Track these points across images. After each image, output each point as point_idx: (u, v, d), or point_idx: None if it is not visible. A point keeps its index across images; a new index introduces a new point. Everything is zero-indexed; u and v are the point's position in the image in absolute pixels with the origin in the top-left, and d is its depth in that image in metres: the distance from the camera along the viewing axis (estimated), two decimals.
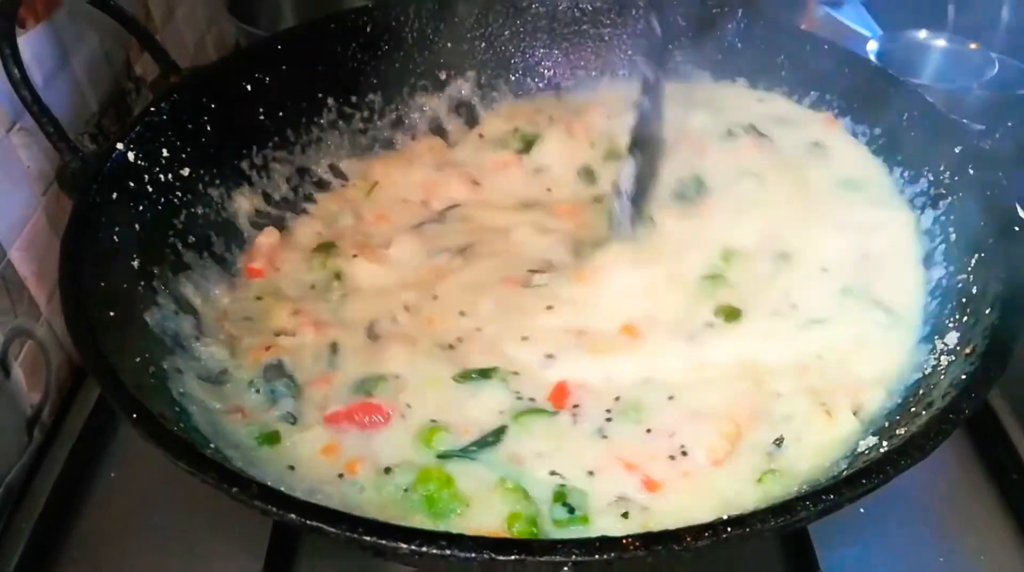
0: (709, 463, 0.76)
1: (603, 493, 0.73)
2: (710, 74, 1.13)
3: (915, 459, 0.57)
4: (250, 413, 0.81)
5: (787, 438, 0.78)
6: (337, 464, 0.76)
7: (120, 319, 0.76)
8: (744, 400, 0.81)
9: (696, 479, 0.75)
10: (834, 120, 1.04)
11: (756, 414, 0.80)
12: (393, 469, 0.75)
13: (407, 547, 0.51)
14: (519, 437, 0.79)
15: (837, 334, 0.86)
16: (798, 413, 0.79)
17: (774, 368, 0.84)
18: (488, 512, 0.72)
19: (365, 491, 0.74)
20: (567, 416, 0.81)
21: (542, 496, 0.73)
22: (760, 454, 0.78)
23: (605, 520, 0.71)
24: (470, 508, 0.72)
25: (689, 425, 0.79)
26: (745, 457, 0.78)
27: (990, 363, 0.65)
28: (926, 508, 0.91)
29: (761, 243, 0.95)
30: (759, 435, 0.79)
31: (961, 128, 0.90)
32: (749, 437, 0.79)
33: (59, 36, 1.02)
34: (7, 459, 0.90)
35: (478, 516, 0.72)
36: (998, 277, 0.74)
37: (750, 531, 0.51)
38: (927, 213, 0.91)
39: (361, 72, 1.13)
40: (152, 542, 0.87)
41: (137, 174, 0.89)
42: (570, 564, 0.50)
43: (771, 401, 0.81)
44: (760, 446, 0.78)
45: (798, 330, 0.87)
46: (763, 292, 0.91)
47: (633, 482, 0.74)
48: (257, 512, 0.55)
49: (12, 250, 0.91)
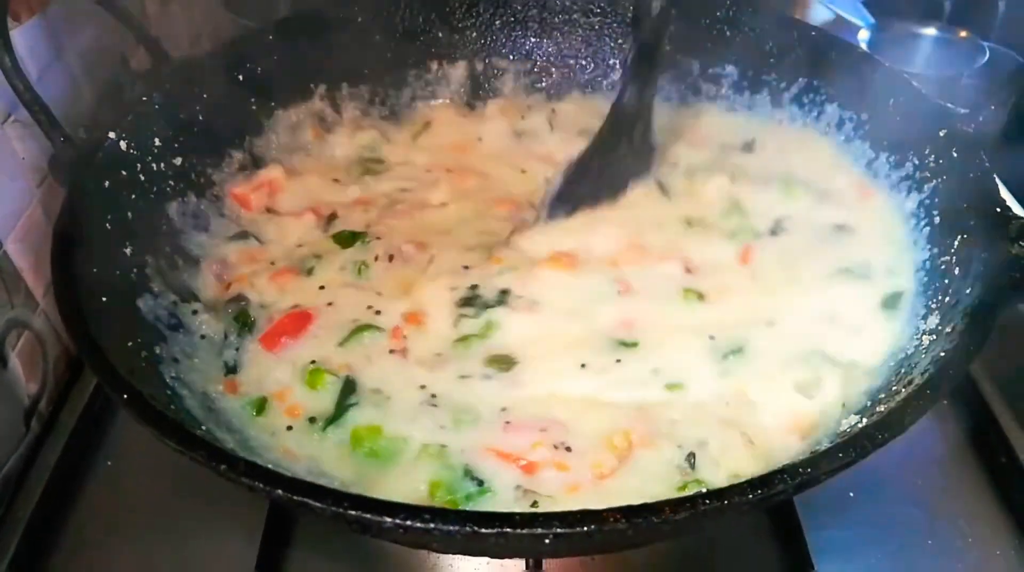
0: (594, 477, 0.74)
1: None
2: (698, 64, 1.14)
3: (893, 434, 0.58)
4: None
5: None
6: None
7: (112, 305, 0.77)
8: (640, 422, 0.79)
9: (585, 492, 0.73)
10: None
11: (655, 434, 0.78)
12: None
13: (391, 521, 0.52)
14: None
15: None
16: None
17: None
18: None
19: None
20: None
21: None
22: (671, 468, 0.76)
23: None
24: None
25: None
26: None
27: (968, 340, 0.66)
28: (915, 492, 0.92)
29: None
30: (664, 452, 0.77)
31: (945, 111, 0.91)
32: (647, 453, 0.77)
33: (53, 29, 1.03)
34: (4, 449, 0.91)
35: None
36: (979, 257, 0.74)
37: (728, 504, 0.52)
38: (911, 196, 0.91)
39: (352, 63, 1.14)
40: (148, 530, 0.88)
41: (129, 163, 0.90)
42: (551, 536, 0.51)
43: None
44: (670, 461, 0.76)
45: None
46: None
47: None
48: (245, 489, 0.56)
49: (8, 241, 0.92)
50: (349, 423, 0.79)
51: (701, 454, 0.74)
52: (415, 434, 0.77)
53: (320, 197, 1.05)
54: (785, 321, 0.87)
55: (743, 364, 0.83)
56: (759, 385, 0.81)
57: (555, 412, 0.79)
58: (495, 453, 0.75)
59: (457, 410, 0.79)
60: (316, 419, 0.79)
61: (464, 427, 0.77)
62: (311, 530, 0.88)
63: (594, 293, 0.91)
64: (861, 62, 0.99)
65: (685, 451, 0.74)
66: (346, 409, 0.79)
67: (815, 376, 0.81)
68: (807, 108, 1.06)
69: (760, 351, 0.84)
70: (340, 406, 0.80)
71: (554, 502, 0.70)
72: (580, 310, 0.89)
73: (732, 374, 0.82)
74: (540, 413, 0.79)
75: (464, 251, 0.96)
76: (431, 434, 0.77)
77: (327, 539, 0.87)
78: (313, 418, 0.80)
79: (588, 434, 0.77)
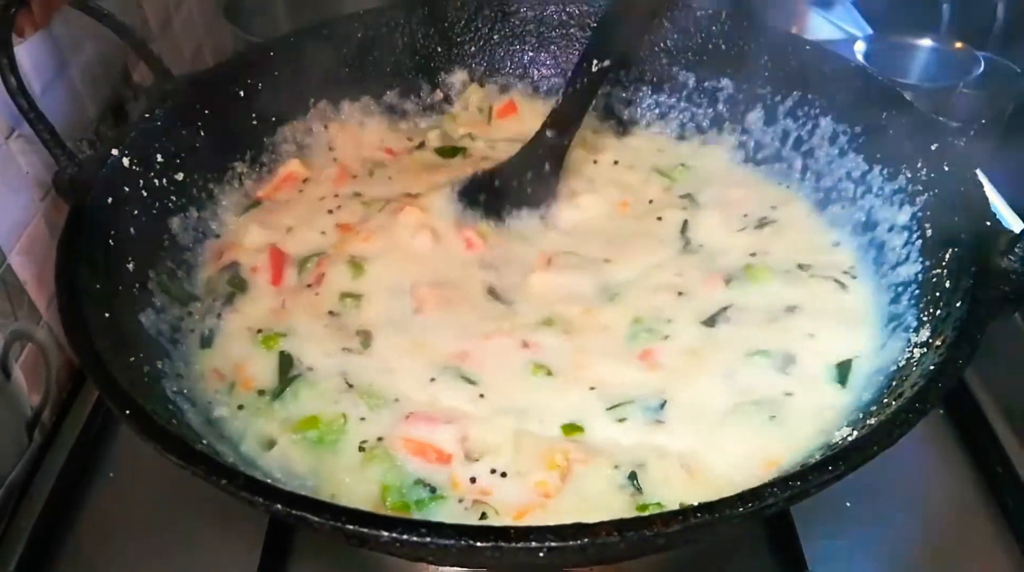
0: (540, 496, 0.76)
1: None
2: (694, 77, 1.15)
3: (882, 446, 0.59)
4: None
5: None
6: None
7: (115, 320, 0.78)
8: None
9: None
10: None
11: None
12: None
13: (388, 535, 0.53)
14: None
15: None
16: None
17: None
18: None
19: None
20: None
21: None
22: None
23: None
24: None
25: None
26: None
27: (957, 353, 0.66)
28: (912, 501, 0.93)
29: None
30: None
31: (937, 125, 0.91)
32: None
33: (57, 44, 1.04)
34: (8, 460, 0.92)
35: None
36: (969, 271, 0.75)
37: (719, 517, 0.53)
38: (905, 209, 0.92)
39: (353, 77, 1.16)
40: (150, 541, 0.90)
41: (132, 179, 0.92)
42: (545, 550, 0.52)
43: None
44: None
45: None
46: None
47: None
48: (245, 503, 0.57)
49: (12, 254, 0.94)
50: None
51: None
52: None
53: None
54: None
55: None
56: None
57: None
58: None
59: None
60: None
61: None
62: (311, 542, 0.89)
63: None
64: (854, 75, 1.00)
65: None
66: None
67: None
68: (802, 121, 1.07)
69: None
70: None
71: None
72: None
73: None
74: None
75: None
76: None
77: (327, 552, 0.89)
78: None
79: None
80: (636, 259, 1.00)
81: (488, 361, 0.87)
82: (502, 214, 1.03)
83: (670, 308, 0.93)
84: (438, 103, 1.22)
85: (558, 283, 0.96)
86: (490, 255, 1.00)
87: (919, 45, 1.48)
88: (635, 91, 1.20)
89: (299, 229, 1.03)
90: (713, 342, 0.89)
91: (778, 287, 0.95)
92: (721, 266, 0.98)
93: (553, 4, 1.18)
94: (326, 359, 0.88)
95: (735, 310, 0.92)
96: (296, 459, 0.78)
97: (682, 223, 1.04)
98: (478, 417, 0.81)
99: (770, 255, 0.99)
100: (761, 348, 0.88)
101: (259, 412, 0.83)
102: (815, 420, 0.80)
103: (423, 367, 0.86)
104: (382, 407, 0.82)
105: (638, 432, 0.81)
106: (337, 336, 0.89)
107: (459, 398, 0.83)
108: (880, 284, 0.92)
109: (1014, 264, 0.73)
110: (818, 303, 0.93)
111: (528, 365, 0.87)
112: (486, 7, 1.18)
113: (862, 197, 0.99)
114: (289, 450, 0.78)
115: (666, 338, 0.90)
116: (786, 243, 1.01)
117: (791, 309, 0.92)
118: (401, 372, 0.86)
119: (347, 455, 0.78)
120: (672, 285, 0.96)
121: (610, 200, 1.08)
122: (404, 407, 0.82)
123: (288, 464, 0.77)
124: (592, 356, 0.88)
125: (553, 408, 0.83)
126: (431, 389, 0.84)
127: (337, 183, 1.09)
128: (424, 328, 0.90)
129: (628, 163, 1.15)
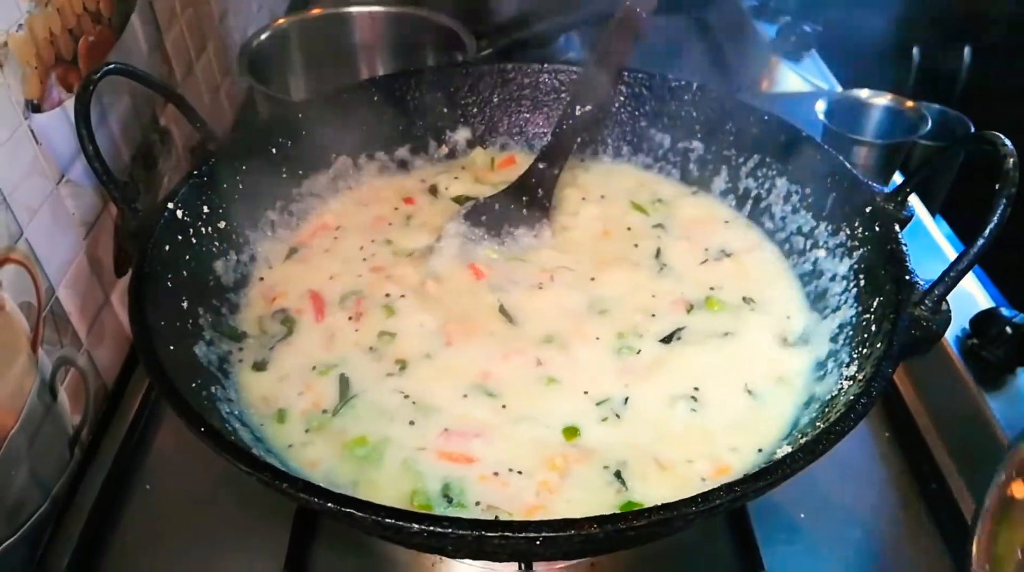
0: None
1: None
2: (669, 138, 1.28)
3: (808, 461, 0.72)
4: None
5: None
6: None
7: (177, 352, 0.89)
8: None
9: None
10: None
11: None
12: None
13: (418, 527, 0.66)
14: None
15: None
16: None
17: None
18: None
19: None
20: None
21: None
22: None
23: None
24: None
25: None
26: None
27: (872, 386, 0.77)
28: (859, 513, 1.03)
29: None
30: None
31: (870, 188, 1.00)
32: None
33: (100, 98, 1.14)
34: (54, 473, 1.01)
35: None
36: (889, 317, 0.86)
37: (676, 514, 0.66)
38: (844, 261, 1.02)
39: (369, 134, 1.28)
40: (183, 545, 1.00)
41: (183, 228, 1.01)
42: (541, 539, 0.66)
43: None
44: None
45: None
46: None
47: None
48: (301, 503, 0.71)
49: (60, 288, 1.02)
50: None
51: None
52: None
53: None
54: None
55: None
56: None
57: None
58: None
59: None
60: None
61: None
62: (330, 549, 0.99)
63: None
64: (804, 143, 1.11)
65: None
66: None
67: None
68: (761, 181, 1.19)
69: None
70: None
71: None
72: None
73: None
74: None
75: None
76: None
77: (345, 558, 0.99)
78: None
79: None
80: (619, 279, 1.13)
81: (506, 376, 0.98)
82: (502, 233, 1.17)
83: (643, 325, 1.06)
84: (443, 158, 1.35)
85: (556, 301, 1.09)
86: (496, 278, 1.12)
87: (875, 103, 1.59)
88: (616, 151, 1.34)
89: (337, 274, 1.15)
90: (669, 357, 1.02)
91: (727, 318, 1.06)
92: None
93: (546, 73, 1.31)
94: (375, 382, 0.99)
95: (688, 331, 1.05)
96: (341, 473, 0.89)
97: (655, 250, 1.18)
98: (500, 426, 0.92)
99: (724, 290, 1.11)
100: (711, 367, 1.00)
101: (322, 428, 0.93)
102: (757, 439, 0.93)
103: (454, 387, 0.97)
104: (423, 421, 0.93)
105: (617, 432, 0.92)
106: (380, 365, 1.01)
107: (485, 411, 0.94)
108: (823, 325, 1.02)
109: (925, 313, 0.83)
110: (761, 336, 1.05)
111: (541, 378, 0.99)
112: (487, 74, 1.31)
113: (810, 249, 1.10)
114: (336, 466, 0.89)
115: (638, 353, 1.02)
116: (741, 284, 1.13)
117: (728, 334, 1.05)
118: (438, 391, 0.97)
119: (388, 467, 0.89)
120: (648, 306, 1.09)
121: (593, 229, 1.22)
122: (442, 421, 0.93)
123: (332, 477, 0.88)
124: (587, 365, 1.01)
125: (557, 413, 0.94)
126: (464, 405, 0.95)
127: (367, 230, 1.21)
128: (452, 356, 1.02)
129: (612, 198, 1.28)
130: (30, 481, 0.95)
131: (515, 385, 0.98)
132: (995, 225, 0.79)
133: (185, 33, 1.52)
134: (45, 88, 1.01)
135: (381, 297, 1.11)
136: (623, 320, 1.07)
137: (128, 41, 1.25)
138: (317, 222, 1.23)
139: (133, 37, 1.28)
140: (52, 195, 1.02)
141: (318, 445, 0.92)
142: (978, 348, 1.18)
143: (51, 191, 1.02)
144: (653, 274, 1.15)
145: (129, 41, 1.25)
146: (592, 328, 1.06)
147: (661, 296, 1.11)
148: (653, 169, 1.32)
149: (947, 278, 0.83)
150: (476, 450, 0.90)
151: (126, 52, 1.24)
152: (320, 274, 1.15)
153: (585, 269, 1.14)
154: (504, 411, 0.95)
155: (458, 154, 1.37)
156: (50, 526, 0.99)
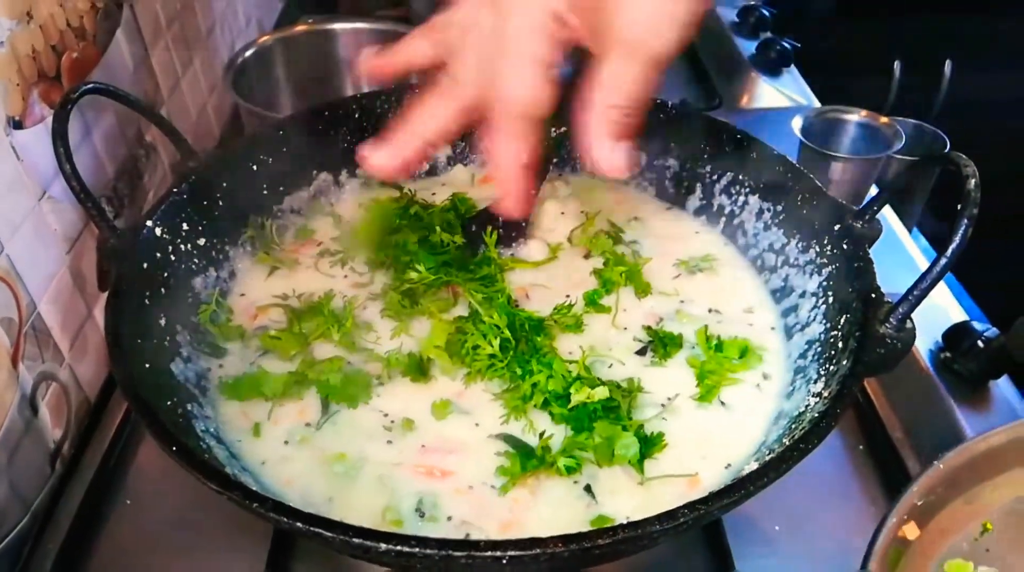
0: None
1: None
2: (645, 156, 1.29)
3: (772, 478, 0.74)
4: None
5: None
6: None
7: (153, 370, 0.90)
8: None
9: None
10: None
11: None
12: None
13: (385, 547, 0.67)
14: None
15: None
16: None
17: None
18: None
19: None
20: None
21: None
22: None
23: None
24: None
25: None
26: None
27: (837, 404, 0.78)
28: (834, 526, 1.04)
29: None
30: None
31: (840, 207, 1.01)
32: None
33: (83, 113, 1.16)
34: (34, 488, 1.01)
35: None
36: (855, 335, 0.87)
37: (641, 532, 0.68)
38: (814, 278, 1.03)
39: (350, 152, 1.27)
40: (164, 560, 1.01)
41: (163, 245, 1.02)
42: (507, 559, 0.67)
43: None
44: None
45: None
46: None
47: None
48: (272, 523, 0.72)
49: (41, 303, 1.03)
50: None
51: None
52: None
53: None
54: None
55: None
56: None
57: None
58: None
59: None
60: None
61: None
62: (311, 559, 1.01)
63: None
64: (775, 162, 1.12)
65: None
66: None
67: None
68: (734, 198, 1.21)
69: None
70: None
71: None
72: None
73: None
74: None
75: None
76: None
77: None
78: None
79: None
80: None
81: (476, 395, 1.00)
82: (479, 251, 1.17)
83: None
84: (424, 175, 1.37)
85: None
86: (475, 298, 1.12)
87: (851, 119, 1.62)
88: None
89: (318, 291, 1.16)
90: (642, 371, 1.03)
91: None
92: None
93: None
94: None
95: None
96: (316, 489, 0.90)
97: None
98: (474, 442, 0.94)
99: (695, 304, 1.12)
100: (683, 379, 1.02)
101: (305, 441, 0.94)
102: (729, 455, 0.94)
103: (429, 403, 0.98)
104: (400, 439, 0.94)
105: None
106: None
107: (461, 428, 0.96)
108: (791, 341, 1.05)
109: (889, 331, 0.84)
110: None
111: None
112: None
113: (781, 266, 1.11)
114: (312, 482, 0.90)
115: (611, 367, 1.04)
116: (710, 301, 1.14)
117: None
118: (414, 407, 0.98)
119: (363, 483, 0.90)
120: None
121: (570, 246, 1.23)
122: (419, 439, 0.95)
123: (307, 493, 0.89)
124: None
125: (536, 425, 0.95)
126: (439, 423, 0.96)
127: (346, 247, 1.23)
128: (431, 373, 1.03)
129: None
130: (10, 495, 0.96)
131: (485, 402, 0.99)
132: (957, 245, 0.80)
133: (171, 49, 1.53)
134: (27, 104, 1.02)
135: (361, 312, 1.12)
136: (596, 335, 1.08)
137: (113, 57, 1.26)
138: (298, 239, 1.24)
139: (118, 53, 1.29)
140: (34, 211, 1.02)
141: (296, 461, 0.93)
142: (951, 361, 1.20)
143: (33, 207, 1.03)
144: (627, 291, 1.16)
145: (114, 57, 1.27)
146: (566, 344, 1.07)
147: (632, 310, 1.13)
148: (630, 185, 1.34)
149: (911, 297, 0.84)
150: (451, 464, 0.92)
151: (111, 68, 1.25)
152: (301, 290, 1.16)
153: (560, 286, 1.16)
154: (477, 429, 0.97)
155: (439, 171, 1.39)
156: (30, 541, 0.99)
